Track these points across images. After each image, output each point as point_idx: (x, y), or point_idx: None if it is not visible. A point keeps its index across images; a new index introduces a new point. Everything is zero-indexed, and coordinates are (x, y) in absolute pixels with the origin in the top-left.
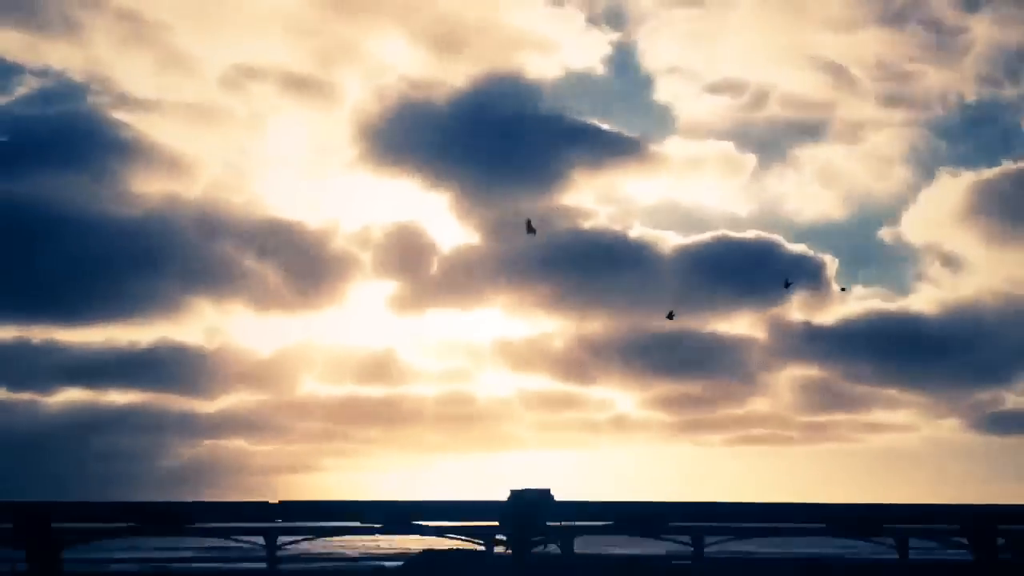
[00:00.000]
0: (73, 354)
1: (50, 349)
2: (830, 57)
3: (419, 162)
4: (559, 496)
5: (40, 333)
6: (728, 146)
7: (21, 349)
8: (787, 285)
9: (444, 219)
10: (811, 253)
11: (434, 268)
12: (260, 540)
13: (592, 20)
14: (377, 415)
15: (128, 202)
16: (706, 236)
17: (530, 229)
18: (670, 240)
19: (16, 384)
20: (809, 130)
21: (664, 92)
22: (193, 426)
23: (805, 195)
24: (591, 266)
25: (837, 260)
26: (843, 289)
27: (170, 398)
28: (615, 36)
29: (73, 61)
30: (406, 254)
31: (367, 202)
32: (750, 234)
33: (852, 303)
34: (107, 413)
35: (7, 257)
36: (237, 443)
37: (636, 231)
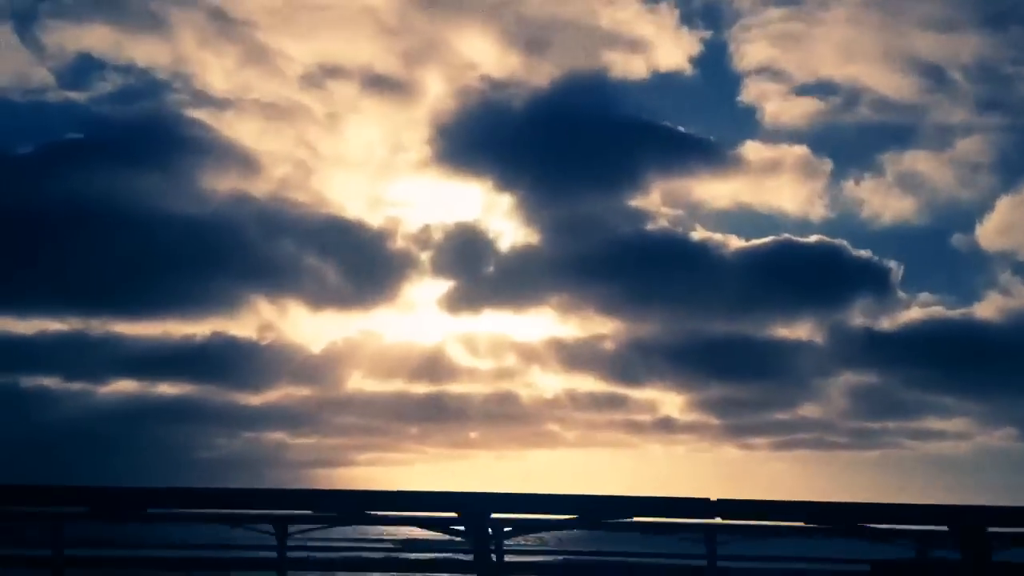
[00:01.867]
0: (128, 346)
1: (107, 341)
2: (927, 59)
3: (490, 163)
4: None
5: (99, 325)
6: (805, 150)
7: (79, 340)
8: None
9: (507, 220)
10: (876, 259)
11: (491, 268)
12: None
13: (685, 19)
14: (420, 412)
15: (196, 200)
16: (767, 240)
17: None
18: (731, 243)
19: (70, 374)
20: (897, 134)
21: (751, 94)
22: (235, 418)
23: (882, 201)
24: (649, 268)
25: (903, 266)
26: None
27: (216, 391)
28: (707, 35)
29: (158, 58)
30: (464, 254)
31: (432, 202)
32: (813, 239)
33: (915, 310)
34: (154, 404)
35: (74, 252)
36: (277, 436)
37: (698, 234)
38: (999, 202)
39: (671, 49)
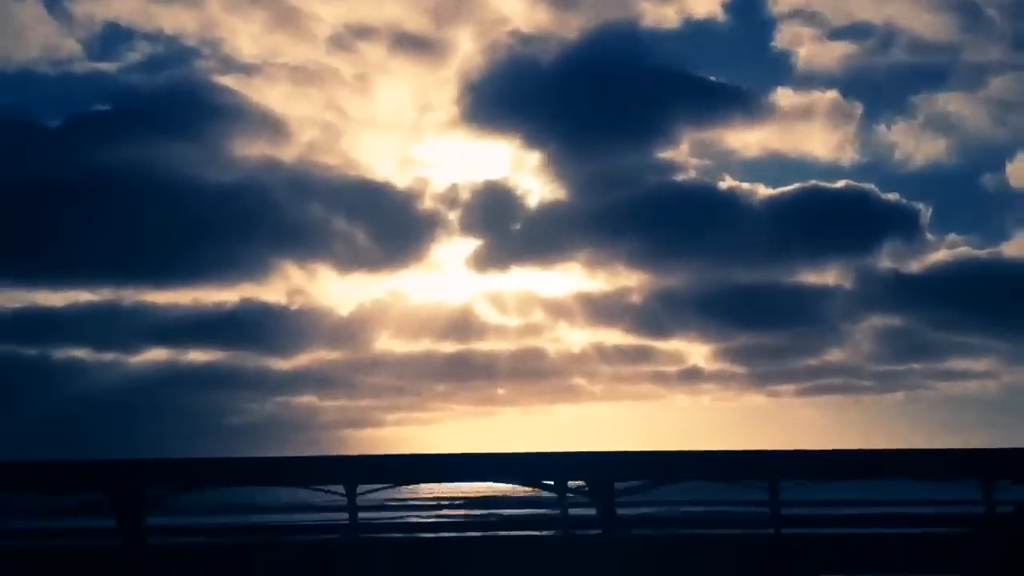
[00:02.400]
0: (160, 315)
1: (138, 311)
2: None
3: (519, 119)
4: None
5: (130, 295)
6: (836, 95)
7: (110, 310)
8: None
9: (536, 176)
10: (904, 201)
11: (519, 225)
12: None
13: None
14: (448, 371)
15: (225, 166)
16: (795, 187)
17: None
18: (759, 192)
19: (100, 344)
20: (930, 75)
21: (784, 39)
22: (267, 383)
23: (913, 144)
24: (677, 220)
25: (931, 208)
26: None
27: (248, 356)
28: None
29: (186, 25)
30: (492, 212)
31: (460, 161)
32: (841, 184)
33: (943, 251)
34: (185, 372)
35: (103, 222)
36: (308, 399)
37: (727, 183)
38: None
39: None
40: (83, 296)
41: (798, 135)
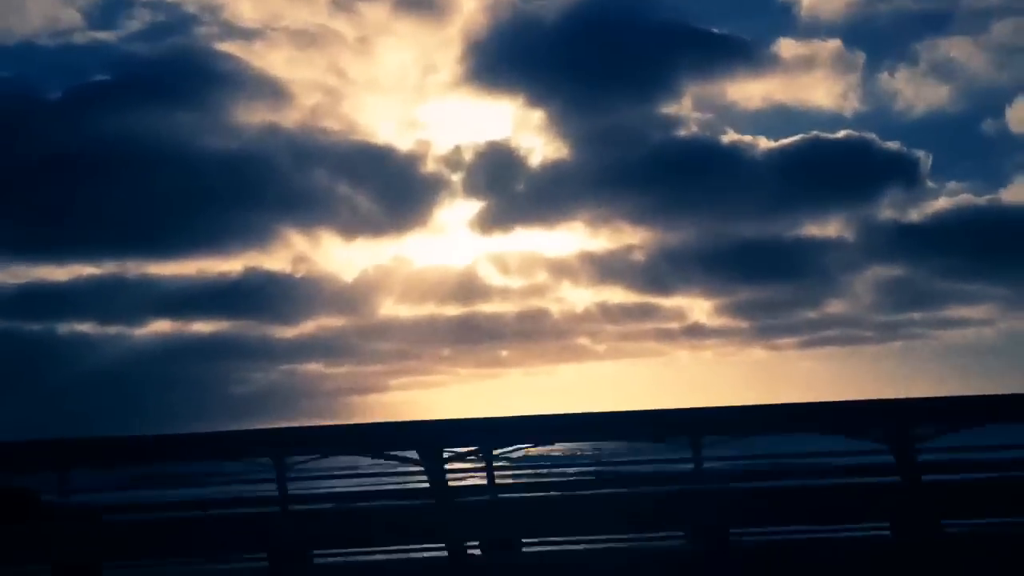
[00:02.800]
0: (164, 287)
1: (142, 283)
2: None
3: (520, 78)
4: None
5: (133, 267)
6: (838, 44)
7: (114, 283)
8: None
9: (538, 135)
10: (904, 150)
11: (522, 185)
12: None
13: None
14: (452, 334)
15: (226, 134)
16: (796, 138)
17: None
18: (760, 144)
19: (104, 318)
20: (934, 21)
21: None
22: (272, 352)
23: (915, 91)
24: (679, 175)
25: (931, 155)
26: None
27: (253, 326)
28: None
29: None
30: (494, 173)
31: (462, 123)
32: (841, 134)
33: (943, 199)
34: (190, 343)
35: (106, 194)
36: (314, 367)
37: (728, 137)
38: None
39: None
40: (86, 269)
41: (801, 85)
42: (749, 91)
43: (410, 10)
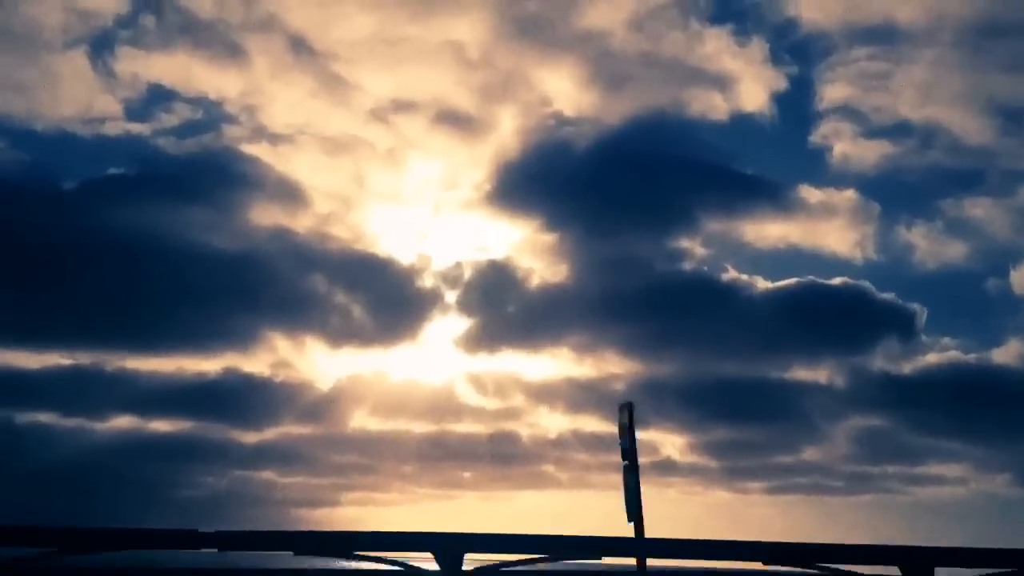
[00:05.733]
0: (137, 382)
1: (117, 377)
2: (1010, 103)
3: (540, 202)
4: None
5: (113, 361)
6: (855, 194)
7: (90, 375)
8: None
9: (541, 259)
10: (901, 302)
11: (515, 307)
12: None
13: (773, 57)
14: (417, 451)
15: (233, 235)
16: (791, 281)
17: None
18: (758, 285)
19: (68, 410)
20: (963, 180)
21: (822, 135)
22: (230, 457)
23: (927, 247)
24: (674, 309)
25: (930, 310)
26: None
27: (217, 428)
28: (793, 71)
29: (228, 90)
30: (490, 292)
31: (471, 241)
32: (837, 281)
33: (933, 354)
34: (151, 441)
35: (97, 287)
36: (267, 475)
37: (729, 275)
38: None
39: (751, 87)
40: (63, 360)
41: (813, 232)
42: (762, 233)
43: (446, 125)
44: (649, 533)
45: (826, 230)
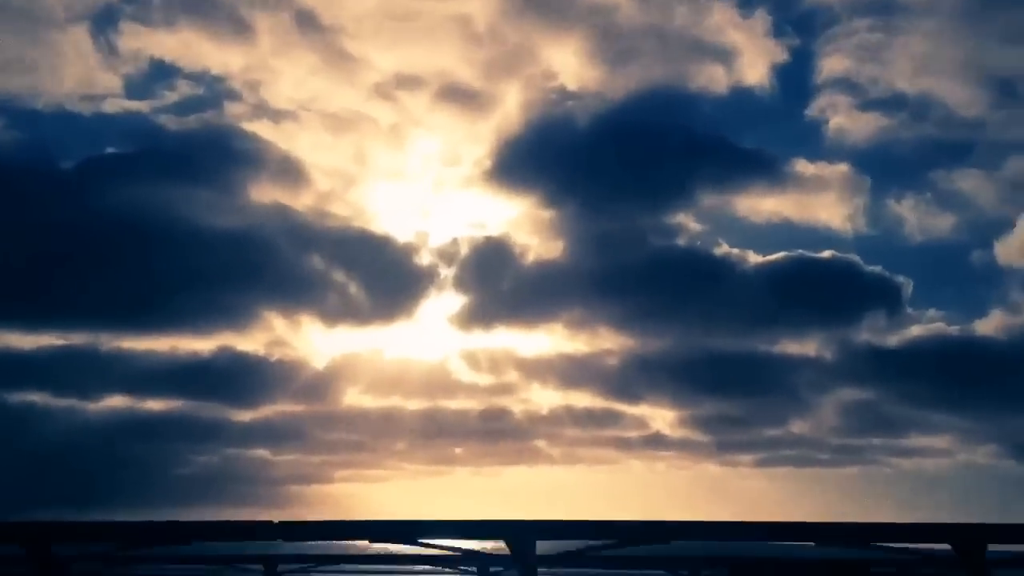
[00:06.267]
0: (133, 362)
1: (113, 356)
2: (1003, 74)
3: (540, 176)
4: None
5: (108, 341)
6: (847, 168)
7: (85, 355)
8: None
9: (537, 234)
10: (887, 275)
11: (510, 283)
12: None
13: (776, 29)
14: (409, 428)
15: (231, 213)
16: (781, 255)
17: None
18: (749, 259)
19: (59, 390)
20: (953, 152)
21: (819, 107)
22: (223, 435)
23: (917, 219)
24: (667, 284)
25: (917, 282)
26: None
27: (210, 407)
28: (794, 43)
29: (231, 65)
30: (485, 268)
31: (469, 217)
32: (826, 254)
33: (917, 326)
34: (144, 421)
35: (93, 266)
36: (260, 453)
37: (721, 249)
38: (1021, 219)
39: (753, 61)
40: (56, 340)
41: (806, 205)
42: (755, 207)
43: (450, 101)
44: (641, 508)
45: (818, 204)
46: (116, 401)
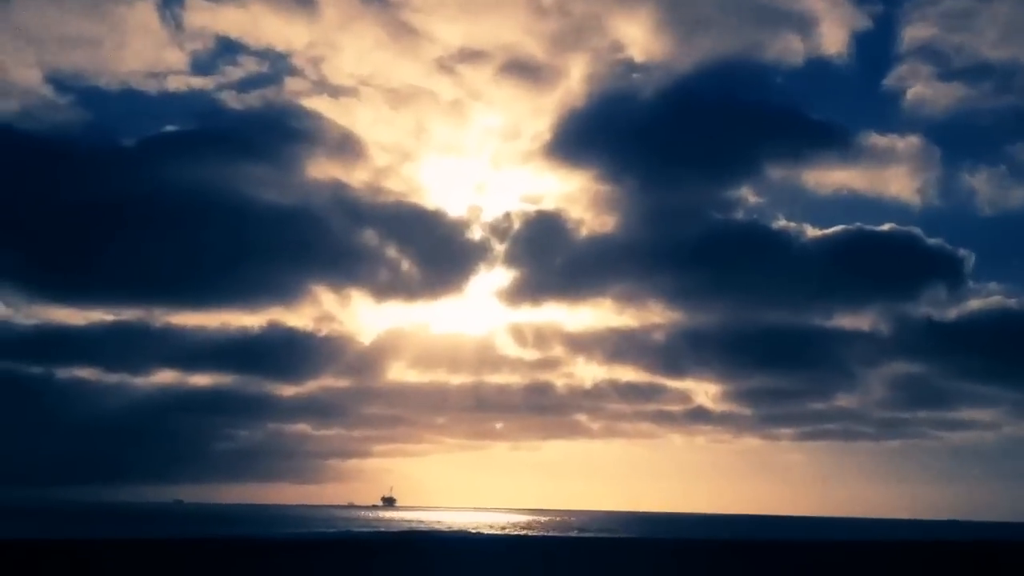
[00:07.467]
0: (183, 337)
1: (164, 331)
2: None
3: (600, 151)
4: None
5: (159, 316)
6: (918, 140)
7: (136, 331)
8: None
9: (592, 208)
10: (948, 247)
11: (561, 258)
12: None
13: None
14: (452, 402)
15: (287, 189)
16: (838, 229)
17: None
18: (807, 232)
19: (111, 365)
20: None
21: (898, 77)
22: (266, 410)
23: (987, 192)
24: (722, 258)
25: (974, 255)
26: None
27: (255, 382)
28: (877, 9)
29: (295, 41)
30: (536, 243)
31: (525, 192)
32: (886, 227)
33: (977, 300)
34: (187, 395)
35: (149, 242)
36: (301, 428)
37: (779, 223)
38: None
39: (826, 31)
40: (107, 316)
41: (874, 178)
42: (822, 179)
43: (513, 75)
44: (678, 481)
45: (887, 176)
46: (165, 376)
